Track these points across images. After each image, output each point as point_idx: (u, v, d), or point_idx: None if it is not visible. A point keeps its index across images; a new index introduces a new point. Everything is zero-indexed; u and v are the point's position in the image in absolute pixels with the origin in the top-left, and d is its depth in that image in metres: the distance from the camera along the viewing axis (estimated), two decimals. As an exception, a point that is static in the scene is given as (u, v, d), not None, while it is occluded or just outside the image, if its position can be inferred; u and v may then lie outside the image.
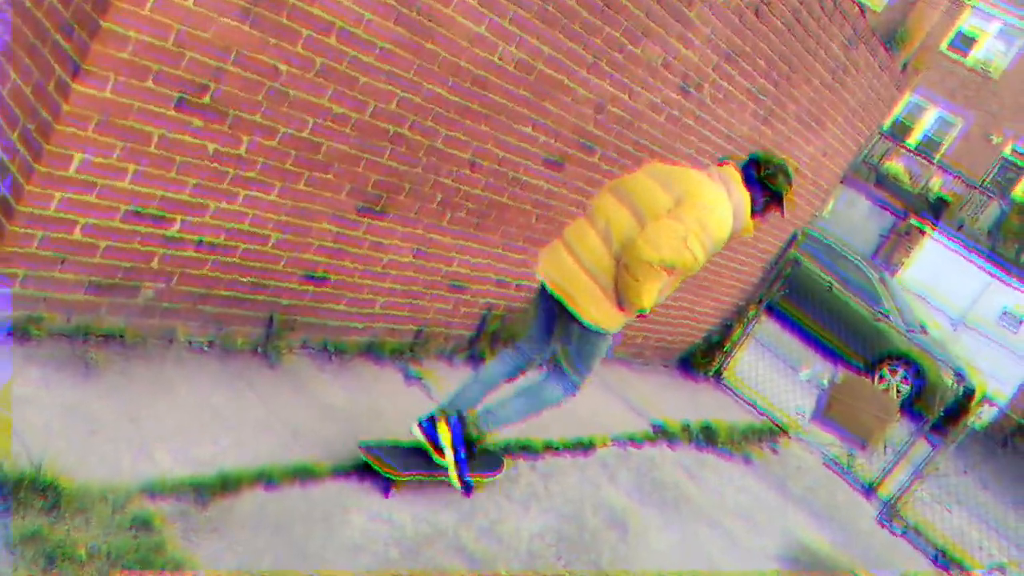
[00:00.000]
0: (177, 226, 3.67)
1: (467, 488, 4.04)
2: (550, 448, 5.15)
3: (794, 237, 8.33)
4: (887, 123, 22.77)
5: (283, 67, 3.55)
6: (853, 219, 19.70)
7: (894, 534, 7.52)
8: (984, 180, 21.92)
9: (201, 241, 3.78)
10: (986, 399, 7.66)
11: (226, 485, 3.34)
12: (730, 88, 6.02)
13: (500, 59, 4.33)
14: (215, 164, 3.60)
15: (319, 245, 4.25)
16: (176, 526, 3.05)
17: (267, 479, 3.49)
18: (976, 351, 17.58)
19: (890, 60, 7.63)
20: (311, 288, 4.39)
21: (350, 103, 3.87)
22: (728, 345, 8.60)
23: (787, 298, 14.05)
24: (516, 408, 4.10)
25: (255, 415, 3.89)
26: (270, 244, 4.03)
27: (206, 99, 3.41)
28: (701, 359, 8.45)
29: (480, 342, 5.64)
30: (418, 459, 3.95)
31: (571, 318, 3.80)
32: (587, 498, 4.86)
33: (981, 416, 7.62)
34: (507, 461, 4.68)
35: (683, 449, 6.49)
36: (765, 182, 3.74)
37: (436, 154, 4.43)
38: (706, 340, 8.39)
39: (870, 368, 14.32)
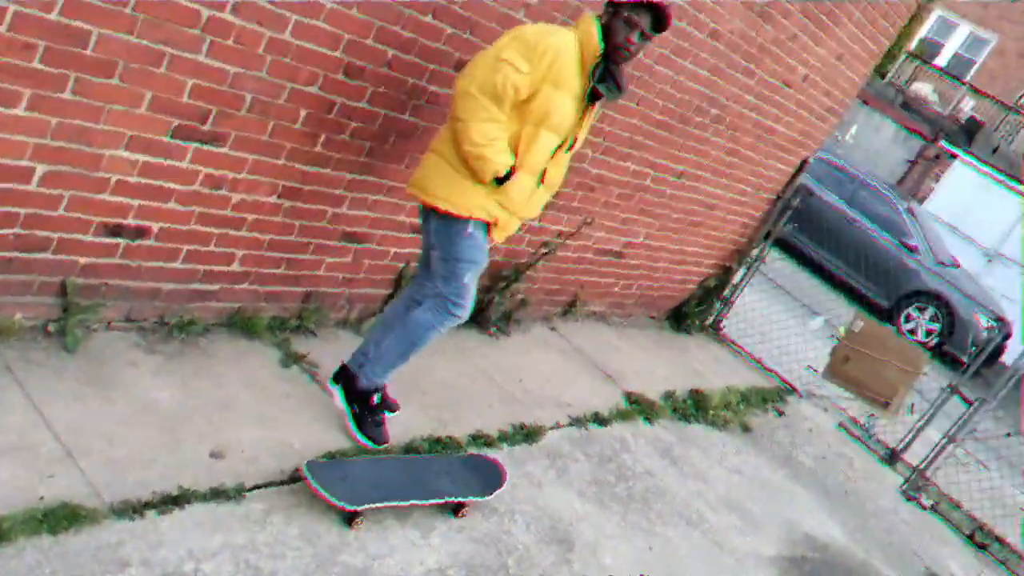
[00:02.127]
0: None
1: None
2: (477, 439, 4.00)
3: (804, 163, 7.03)
4: (914, 42, 21.03)
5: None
6: (877, 144, 18.13)
7: (924, 507, 6.37)
8: (1019, 101, 20.23)
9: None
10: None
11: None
12: (713, -32, 4.69)
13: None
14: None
15: (119, 180, 3.06)
16: None
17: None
18: (1011, 286, 16.20)
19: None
20: (121, 242, 3.21)
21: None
22: (728, 291, 7.38)
23: (800, 233, 13.02)
24: (389, 344, 3.49)
25: (13, 425, 2.75)
26: (35, 181, 2.85)
27: None
28: (696, 309, 7.23)
29: (398, 302, 4.47)
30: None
31: (427, 215, 3.40)
32: (520, 506, 3.71)
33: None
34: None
35: (664, 423, 5.32)
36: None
37: (288, 50, 3.21)
38: (701, 287, 7.16)
39: (895, 308, 13.07)
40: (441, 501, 3.29)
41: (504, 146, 3.16)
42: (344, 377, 3.57)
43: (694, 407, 5.74)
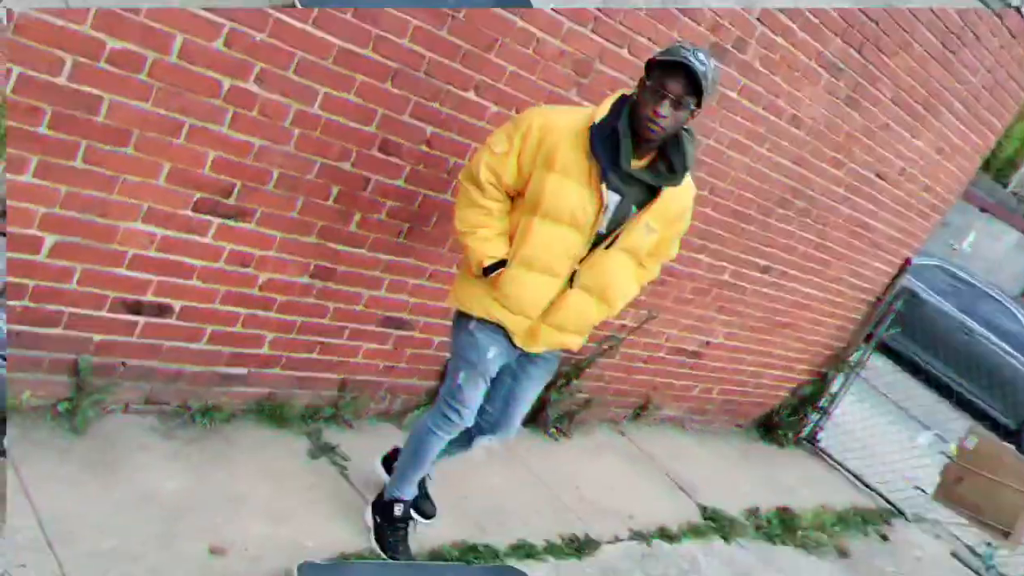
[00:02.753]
0: None
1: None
2: (518, 550, 3.61)
3: (906, 263, 6.51)
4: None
5: None
6: (996, 254, 17.08)
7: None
8: None
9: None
10: None
11: None
12: (789, 47, 4.43)
13: None
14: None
15: (136, 255, 2.94)
16: None
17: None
18: None
19: (1026, 25, 5.82)
20: (141, 319, 3.08)
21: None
22: (825, 400, 6.80)
23: (914, 343, 12.16)
24: (404, 452, 3.27)
25: (-6, 508, 2.58)
26: (44, 252, 2.76)
27: None
28: (788, 419, 6.66)
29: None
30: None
31: None
32: (559, 629, 3.30)
33: None
34: None
35: (744, 542, 4.78)
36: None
37: (318, 124, 3.09)
38: (795, 394, 6.61)
39: (1020, 429, 11.92)
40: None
41: (490, 235, 2.84)
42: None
43: (780, 526, 5.16)
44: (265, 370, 3.52)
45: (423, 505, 3.43)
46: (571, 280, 2.91)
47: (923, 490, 6.60)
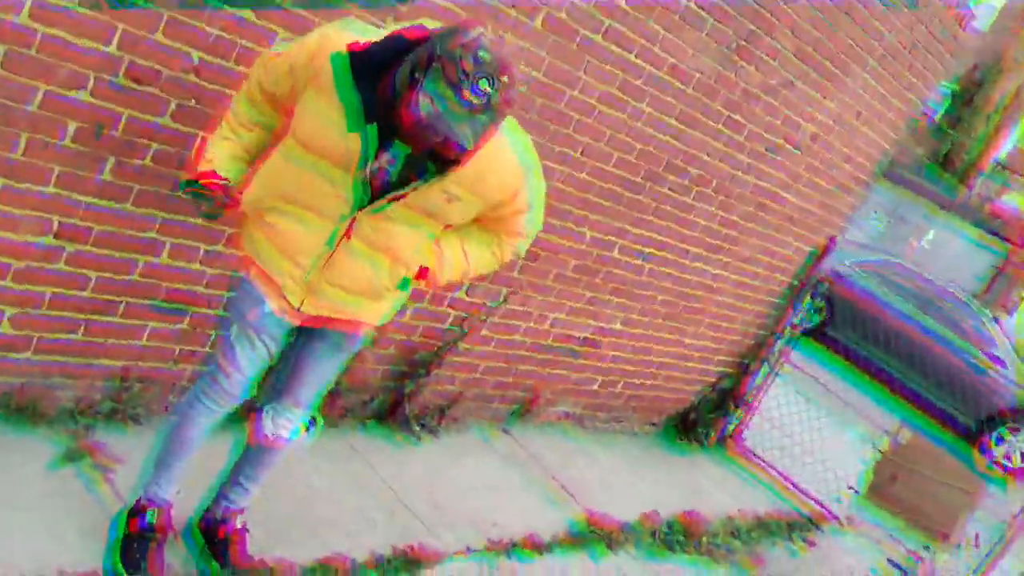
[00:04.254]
0: None
1: None
2: (326, 570, 2.99)
3: (830, 243, 5.99)
4: (1003, 151, 19.78)
5: None
6: (955, 251, 16.74)
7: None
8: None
9: None
10: None
11: None
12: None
13: None
14: None
15: None
16: None
17: None
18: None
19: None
20: None
21: None
22: (749, 394, 6.24)
23: (865, 342, 11.72)
24: (159, 442, 2.71)
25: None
26: None
27: None
28: (708, 416, 6.11)
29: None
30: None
31: None
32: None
33: None
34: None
35: (633, 553, 4.19)
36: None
37: (31, 41, 2.49)
38: (714, 388, 6.06)
39: (981, 427, 11.45)
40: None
41: (225, 144, 2.45)
42: None
43: (682, 533, 4.58)
44: (8, 356, 2.91)
45: (215, 509, 2.82)
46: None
47: (857, 491, 6.06)
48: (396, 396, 4.12)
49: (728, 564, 4.61)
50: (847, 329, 11.65)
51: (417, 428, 4.21)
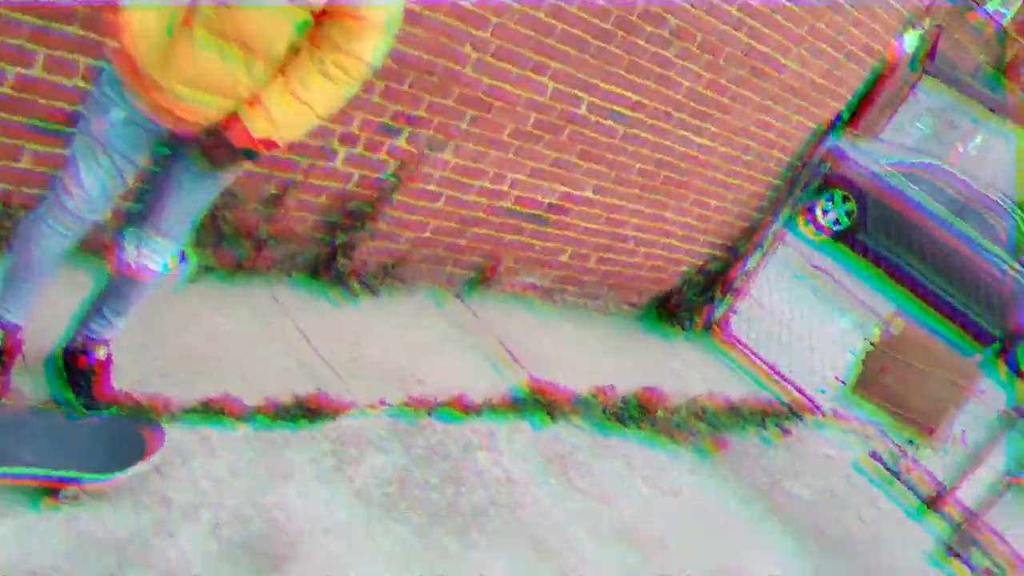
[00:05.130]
0: None
1: None
2: (209, 410, 2.81)
3: (838, 118, 5.53)
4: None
5: None
6: (1007, 157, 15.86)
7: (972, 572, 4.70)
8: None
9: None
10: None
11: None
12: None
13: None
14: None
15: None
16: None
17: None
18: None
19: None
20: None
21: None
22: (739, 280, 5.92)
23: (896, 245, 11.24)
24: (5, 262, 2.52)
25: None
26: None
27: None
28: (693, 300, 5.81)
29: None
30: None
31: None
32: (217, 500, 2.50)
33: None
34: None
35: (579, 424, 3.98)
36: None
37: None
38: (701, 271, 5.74)
39: (1012, 339, 10.97)
40: (11, 477, 2.14)
41: None
42: None
43: (637, 410, 4.36)
44: None
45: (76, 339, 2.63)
46: None
47: (843, 382, 5.77)
48: (330, 250, 3.88)
49: (688, 445, 4.38)
50: (878, 233, 11.20)
51: (356, 286, 3.99)
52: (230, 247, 3.55)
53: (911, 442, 5.32)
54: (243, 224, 3.52)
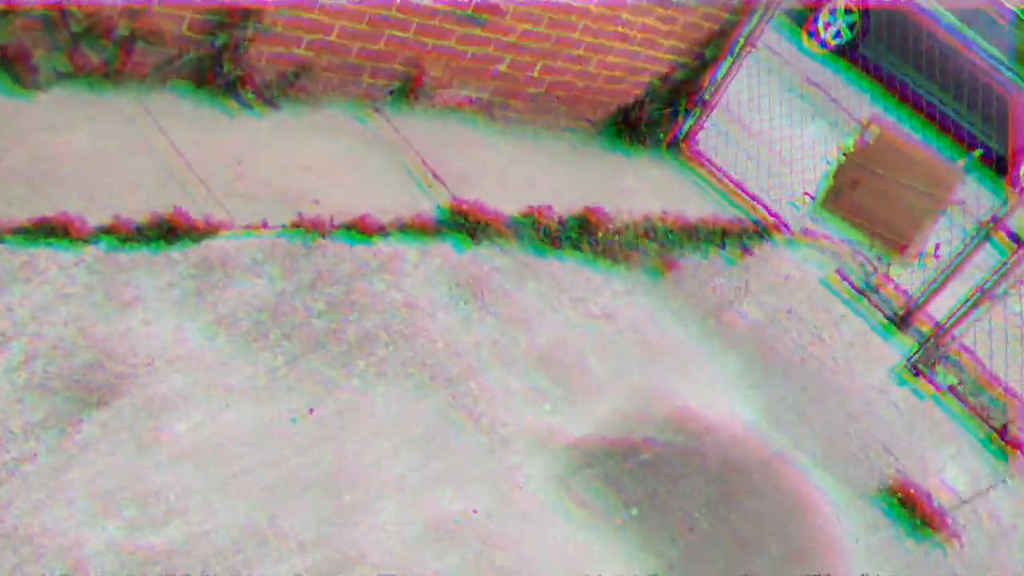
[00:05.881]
0: None
1: None
2: (45, 227, 2.48)
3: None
4: None
5: None
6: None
7: (937, 390, 4.46)
8: None
9: None
10: None
11: None
12: None
13: None
14: None
15: None
16: None
17: None
18: None
19: None
20: None
21: None
22: (706, 91, 5.41)
23: (899, 59, 10.56)
24: None
25: None
26: None
27: None
28: (657, 114, 5.33)
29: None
30: None
31: None
32: (48, 329, 2.22)
33: None
34: None
35: (504, 247, 3.64)
36: None
37: None
38: (665, 81, 5.23)
39: (1011, 158, 10.44)
40: None
41: None
42: None
43: (575, 231, 4.01)
44: None
45: None
46: None
47: (813, 197, 5.36)
48: (214, 53, 3.43)
49: (633, 265, 4.06)
50: (880, 45, 10.50)
51: (250, 96, 3.56)
52: (90, 49, 3.12)
53: (881, 258, 4.97)
54: (98, 20, 3.07)
